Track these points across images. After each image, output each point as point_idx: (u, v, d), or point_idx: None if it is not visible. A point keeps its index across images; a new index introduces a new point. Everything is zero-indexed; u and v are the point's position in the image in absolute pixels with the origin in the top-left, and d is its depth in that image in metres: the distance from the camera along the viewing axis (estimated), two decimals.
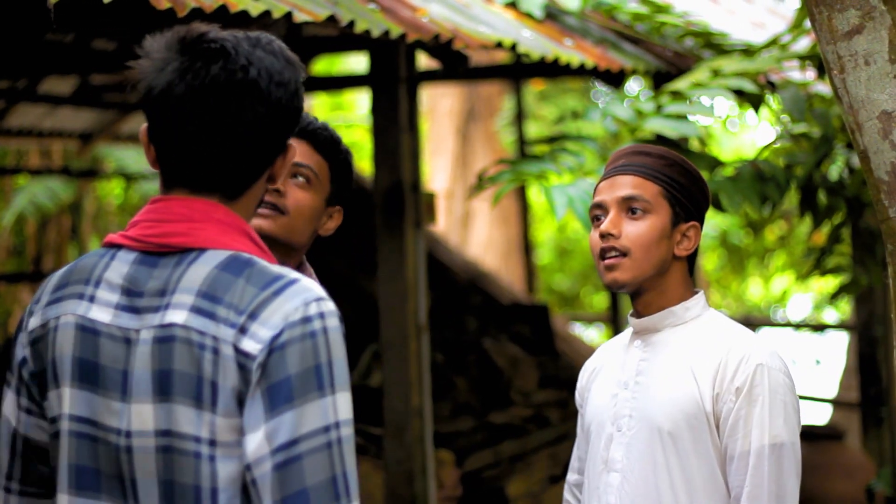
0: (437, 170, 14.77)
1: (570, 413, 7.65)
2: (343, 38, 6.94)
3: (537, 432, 7.47)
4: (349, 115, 17.56)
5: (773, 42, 5.86)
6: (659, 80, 6.49)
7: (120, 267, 2.17)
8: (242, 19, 4.21)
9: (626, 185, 3.02)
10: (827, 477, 7.23)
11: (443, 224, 13.42)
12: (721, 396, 2.91)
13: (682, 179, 3.05)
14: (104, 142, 11.22)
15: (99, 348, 2.14)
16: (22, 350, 2.23)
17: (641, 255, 2.98)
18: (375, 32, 4.73)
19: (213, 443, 2.06)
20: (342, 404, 2.07)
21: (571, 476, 3.28)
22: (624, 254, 2.98)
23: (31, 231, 13.03)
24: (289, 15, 4.30)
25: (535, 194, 14.60)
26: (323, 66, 12.99)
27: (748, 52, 5.91)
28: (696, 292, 3.08)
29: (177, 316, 2.10)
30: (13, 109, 9.54)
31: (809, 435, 7.41)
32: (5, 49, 6.65)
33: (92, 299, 2.17)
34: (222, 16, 4.13)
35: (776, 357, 2.95)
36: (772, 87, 5.94)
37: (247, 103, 2.14)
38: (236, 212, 2.20)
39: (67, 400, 2.16)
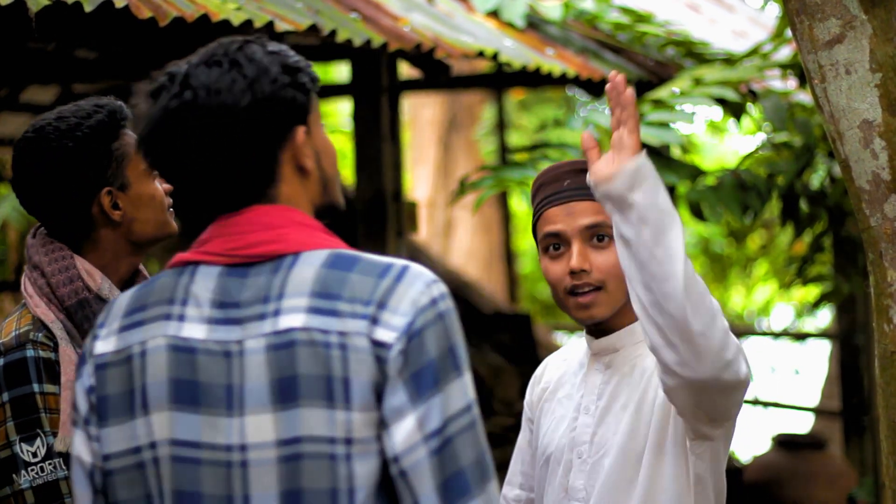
0: (419, 179, 14.76)
1: None
2: (325, 47, 6.93)
3: None
4: (331, 124, 17.54)
5: (755, 51, 5.88)
6: (641, 89, 6.50)
7: (205, 282, 2.07)
8: (224, 30, 4.21)
9: (587, 213, 2.79)
10: (809, 485, 7.23)
11: (425, 233, 13.40)
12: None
13: None
14: None
15: (196, 366, 2.04)
16: (88, 378, 2.12)
17: (615, 285, 2.78)
18: (357, 42, 4.73)
19: (349, 441, 1.99)
20: (470, 383, 2.04)
21: (511, 491, 3.15)
22: (598, 287, 2.79)
23: (13, 240, 12.99)
24: (270, 24, 4.29)
25: (516, 203, 14.60)
26: None
27: (730, 61, 5.92)
28: None
29: (293, 320, 2.01)
30: None
31: (792, 444, 7.42)
32: None
33: (182, 318, 2.07)
34: (204, 26, 4.13)
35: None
36: (753, 96, 5.96)
37: (194, 128, 2.05)
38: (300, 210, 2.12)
39: (165, 425, 2.05)
